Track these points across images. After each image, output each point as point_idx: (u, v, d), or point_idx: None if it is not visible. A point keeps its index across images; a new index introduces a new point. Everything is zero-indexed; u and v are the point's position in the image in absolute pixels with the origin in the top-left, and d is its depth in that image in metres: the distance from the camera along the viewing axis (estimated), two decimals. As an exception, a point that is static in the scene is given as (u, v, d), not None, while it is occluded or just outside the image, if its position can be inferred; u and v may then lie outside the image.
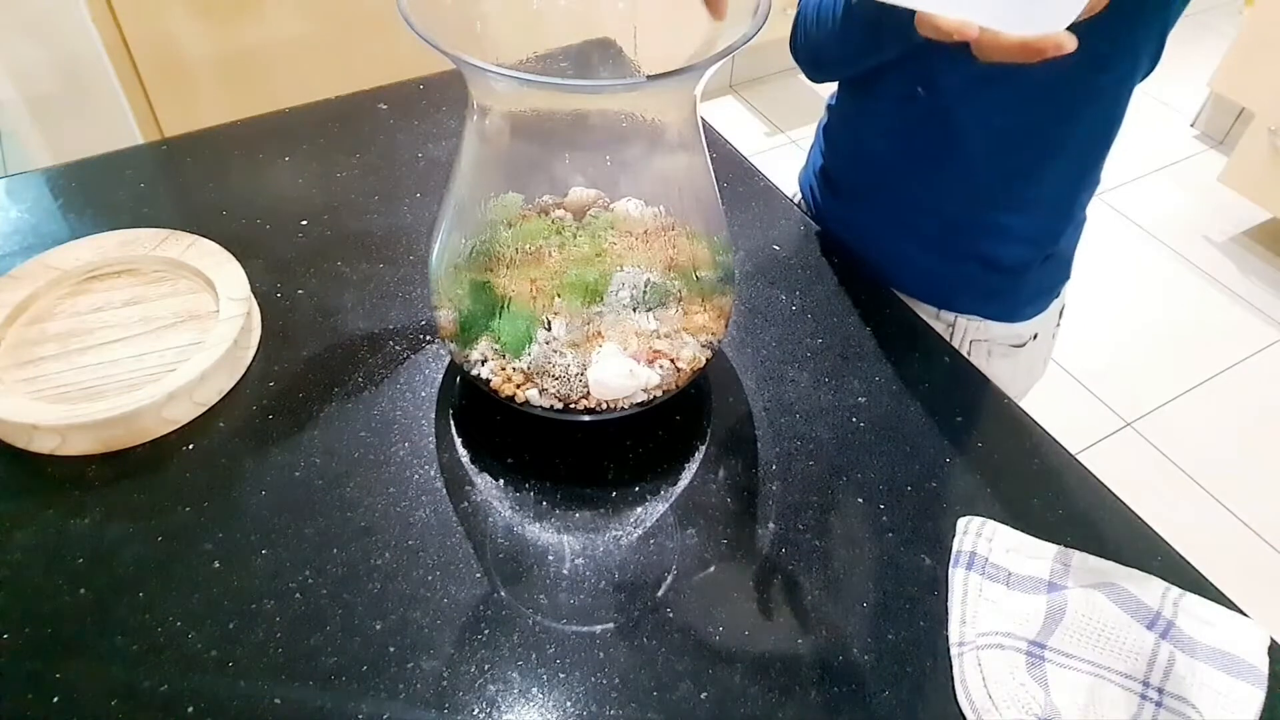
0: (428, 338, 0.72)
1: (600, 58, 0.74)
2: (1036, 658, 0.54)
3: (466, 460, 0.64)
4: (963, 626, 0.56)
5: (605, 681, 0.53)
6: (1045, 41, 0.38)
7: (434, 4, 0.53)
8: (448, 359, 0.70)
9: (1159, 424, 1.76)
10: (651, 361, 0.61)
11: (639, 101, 0.57)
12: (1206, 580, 0.59)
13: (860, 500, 0.63)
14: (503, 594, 0.57)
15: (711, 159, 0.61)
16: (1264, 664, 0.54)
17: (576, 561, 0.59)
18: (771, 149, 2.39)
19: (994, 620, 0.56)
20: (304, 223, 0.82)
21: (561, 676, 0.53)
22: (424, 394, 0.68)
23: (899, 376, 0.72)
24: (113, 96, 1.45)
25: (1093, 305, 1.96)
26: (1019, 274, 0.82)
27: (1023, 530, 0.61)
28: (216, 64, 1.50)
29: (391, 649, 0.54)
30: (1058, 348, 0.94)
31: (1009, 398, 0.72)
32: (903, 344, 0.75)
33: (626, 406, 0.61)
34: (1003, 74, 0.43)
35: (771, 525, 0.61)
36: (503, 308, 0.60)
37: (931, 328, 0.77)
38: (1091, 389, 1.82)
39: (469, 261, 0.61)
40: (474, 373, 0.61)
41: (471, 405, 0.67)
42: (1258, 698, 0.52)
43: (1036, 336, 0.87)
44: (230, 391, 0.67)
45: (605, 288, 0.60)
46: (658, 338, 0.61)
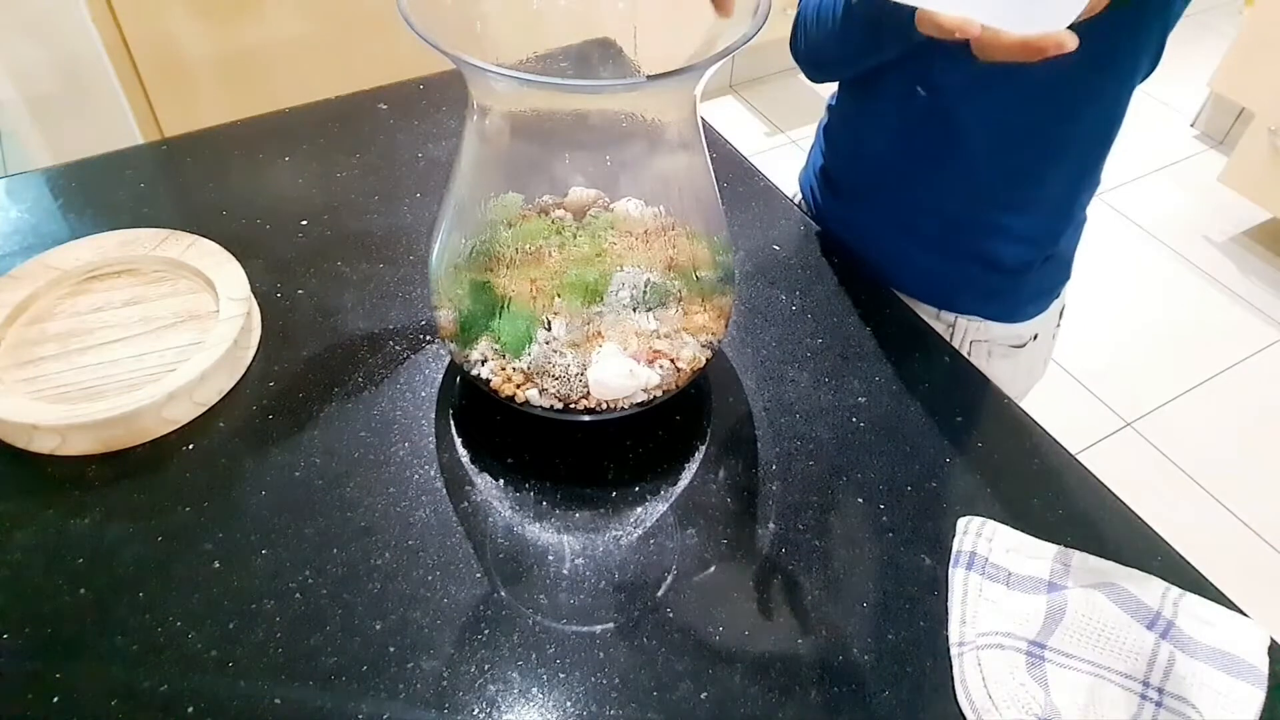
0: (428, 338, 0.72)
1: (600, 58, 0.74)
2: (1036, 658, 0.54)
3: (466, 460, 0.64)
4: (963, 626, 0.56)
5: (605, 681, 0.53)
6: (1046, 40, 0.38)
7: (434, 4, 0.53)
8: (448, 359, 0.70)
9: (1159, 424, 1.76)
10: (651, 361, 0.61)
11: (639, 101, 0.57)
12: (1206, 580, 0.59)
13: (860, 500, 0.63)
14: (503, 594, 0.57)
15: (711, 159, 0.61)
16: (1264, 664, 0.54)
17: (576, 561, 0.59)
18: (771, 149, 2.39)
19: (994, 620, 0.56)
20: (304, 223, 0.82)
21: (561, 676, 0.53)
22: (424, 394, 0.68)
23: (899, 376, 0.72)
24: (113, 96, 1.45)
25: (1093, 305, 1.96)
26: (1019, 274, 0.82)
27: (1023, 530, 0.61)
28: (216, 64, 1.50)
29: (391, 649, 0.54)
30: (1058, 348, 0.94)
31: (1009, 398, 0.72)
32: (903, 344, 0.75)
33: (626, 406, 0.61)
34: (1003, 74, 0.43)
35: (771, 525, 0.61)
36: (503, 308, 0.60)
37: (931, 328, 0.77)
38: (1091, 389, 1.82)
39: (469, 261, 0.61)
40: (474, 373, 0.61)
41: (471, 405, 0.67)
42: (1258, 698, 0.52)
43: (1037, 337, 0.87)
44: (230, 391, 0.67)
45: (605, 288, 0.60)
46: (658, 338, 0.61)
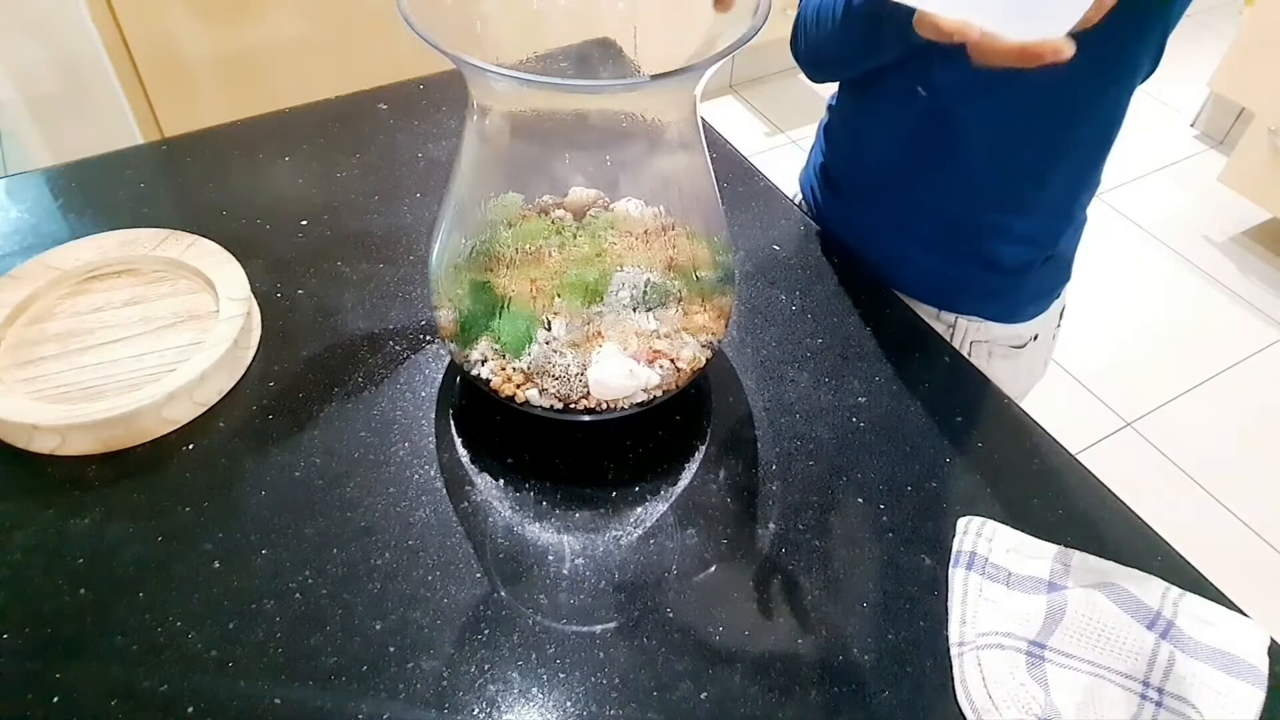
0: (428, 338, 0.72)
1: (600, 58, 0.75)
2: (1036, 658, 0.54)
3: (466, 460, 0.64)
4: (963, 626, 0.56)
5: (605, 681, 0.53)
6: (1043, 47, 0.38)
7: (434, 4, 0.53)
8: (448, 359, 0.70)
9: (1159, 424, 1.76)
10: (651, 361, 0.61)
11: (639, 101, 0.57)
12: (1206, 580, 0.59)
13: (860, 500, 0.63)
14: (503, 594, 0.57)
15: (711, 159, 0.61)
16: (1264, 664, 0.54)
17: (576, 561, 0.59)
18: (771, 149, 2.39)
19: (994, 620, 0.56)
20: (304, 223, 0.82)
21: (561, 676, 0.53)
22: (424, 394, 0.68)
23: (899, 376, 0.72)
24: (113, 96, 1.45)
25: (1093, 305, 1.96)
26: (1019, 275, 0.82)
27: (1023, 530, 0.61)
28: (216, 64, 1.50)
29: (391, 649, 0.54)
30: (1058, 348, 0.94)
31: (1009, 398, 0.72)
32: (903, 344, 0.75)
33: (626, 406, 0.61)
34: (1004, 75, 0.43)
35: (771, 525, 0.61)
36: (503, 308, 0.60)
37: (931, 328, 0.77)
38: (1091, 389, 1.82)
39: (469, 261, 0.61)
40: (474, 373, 0.61)
41: (471, 405, 0.67)
42: (1258, 698, 0.52)
43: (1037, 337, 0.87)
44: (230, 391, 0.67)
45: (605, 288, 0.60)
46: (658, 338, 0.61)
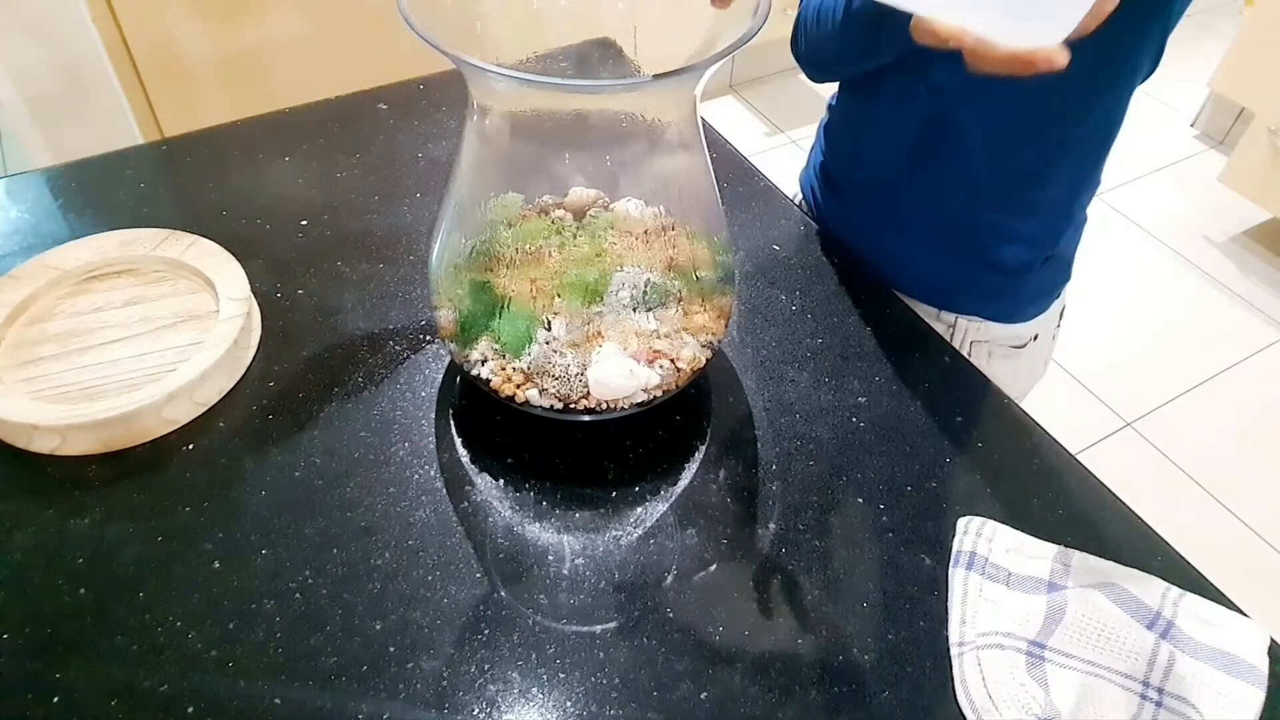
0: (428, 338, 0.72)
1: (600, 58, 0.75)
2: (1036, 658, 0.54)
3: (466, 460, 0.64)
4: (963, 626, 0.56)
5: (605, 681, 0.53)
6: (1037, 55, 0.38)
7: (434, 4, 0.53)
8: (448, 359, 0.70)
9: (1159, 424, 1.76)
10: (651, 361, 0.61)
11: (639, 101, 0.57)
12: (1206, 580, 0.59)
13: (860, 500, 0.63)
14: (503, 594, 0.57)
15: (711, 159, 0.61)
16: (1264, 664, 0.54)
17: (576, 561, 0.59)
18: (771, 149, 2.39)
19: (994, 620, 0.56)
20: (304, 223, 0.82)
21: (561, 676, 0.53)
22: (424, 394, 0.68)
23: (899, 376, 0.72)
24: (113, 96, 1.45)
25: (1093, 305, 1.96)
26: (1019, 275, 0.82)
27: (1023, 530, 0.61)
28: (216, 64, 1.50)
29: (391, 649, 0.54)
30: (1058, 348, 0.94)
31: (1009, 398, 0.72)
32: (903, 344, 0.75)
33: (626, 406, 0.61)
34: (1003, 77, 0.43)
35: (771, 525, 0.61)
36: (503, 308, 0.60)
37: (931, 328, 0.77)
38: (1091, 389, 1.82)
39: (469, 261, 0.61)
40: (474, 373, 0.61)
41: (471, 405, 0.67)
42: (1258, 698, 0.52)
43: (1037, 337, 0.87)
44: (230, 391, 0.67)
45: (605, 288, 0.60)
46: (658, 338, 0.61)
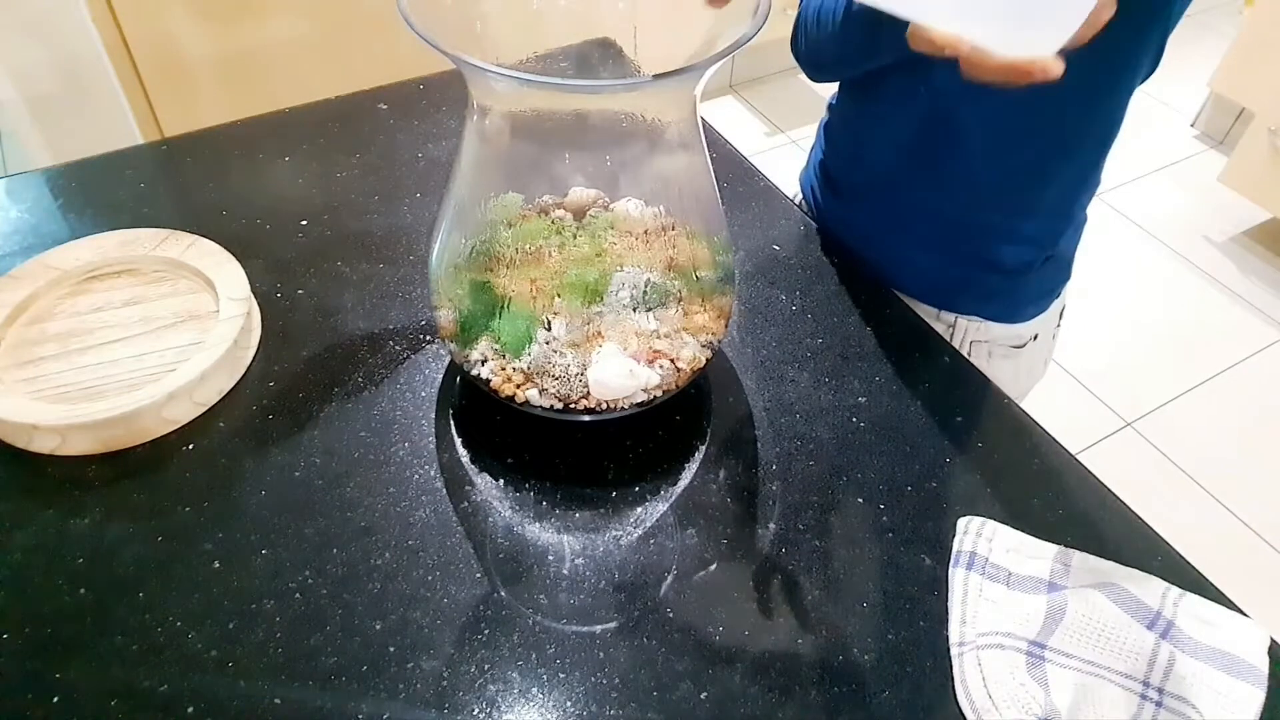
0: (428, 338, 0.72)
1: (600, 58, 0.75)
2: (1036, 658, 0.54)
3: (466, 460, 0.64)
4: (963, 626, 0.56)
5: (605, 681, 0.53)
6: (1033, 65, 0.38)
7: (434, 4, 0.53)
8: (448, 359, 0.70)
9: (1159, 424, 1.76)
10: (651, 361, 0.61)
11: (639, 101, 0.57)
12: (1206, 580, 0.59)
13: (860, 500, 0.63)
14: (503, 594, 0.57)
15: (711, 159, 0.61)
16: (1264, 664, 0.54)
17: (576, 561, 0.59)
18: (771, 149, 2.39)
19: (994, 620, 0.56)
20: (304, 223, 0.82)
21: (561, 676, 0.53)
22: (424, 394, 0.68)
23: (899, 376, 0.72)
24: (113, 96, 1.45)
25: (1093, 305, 1.96)
26: (1020, 275, 0.82)
27: (1023, 530, 0.61)
28: (216, 64, 1.50)
29: (391, 649, 0.54)
30: (1058, 348, 0.94)
31: (1009, 398, 0.72)
32: (903, 344, 0.75)
33: (626, 406, 0.61)
34: None
35: (771, 525, 0.61)
36: (503, 308, 0.60)
37: (931, 328, 0.77)
38: (1091, 389, 1.82)
39: (469, 261, 0.61)
40: (474, 373, 0.61)
41: (471, 405, 0.67)
42: (1258, 698, 0.52)
43: (1037, 337, 0.87)
44: (230, 391, 0.67)
45: (605, 288, 0.60)
46: (658, 338, 0.61)
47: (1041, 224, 0.79)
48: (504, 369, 0.61)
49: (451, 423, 0.66)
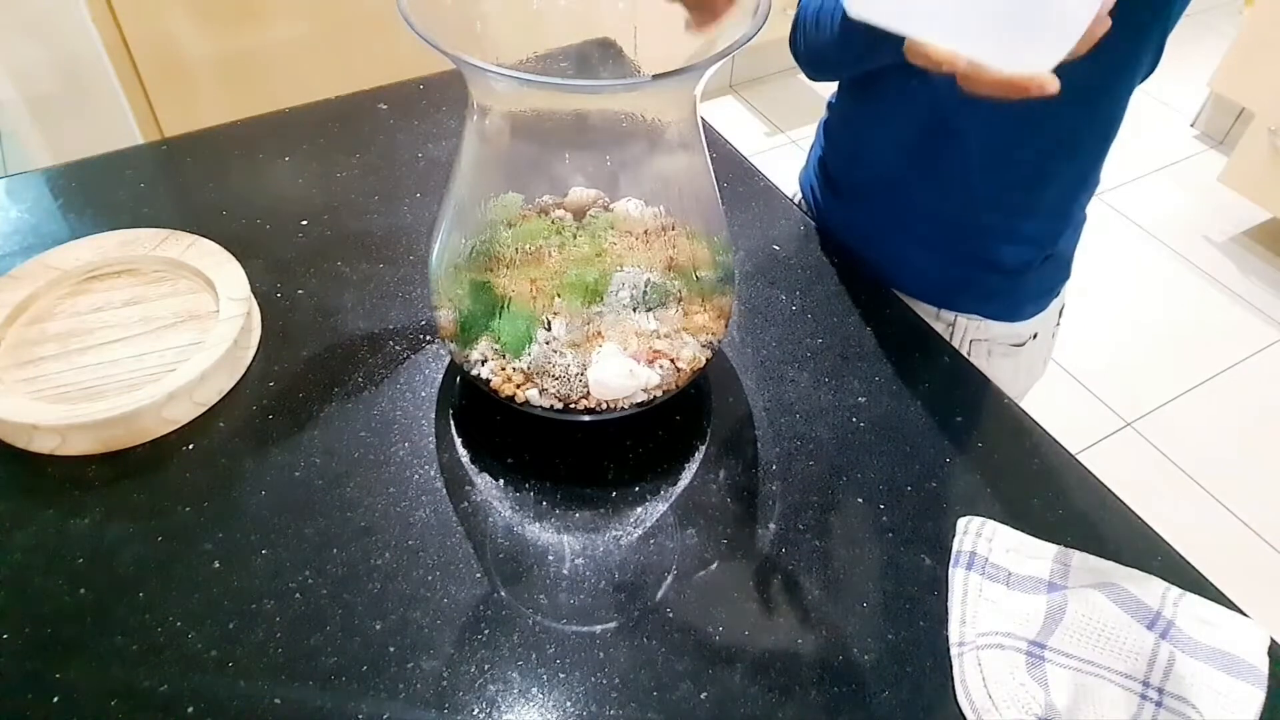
0: (428, 338, 0.72)
1: (600, 58, 0.75)
2: (1036, 658, 0.54)
3: (466, 460, 0.64)
4: (963, 626, 0.56)
5: (605, 681, 0.53)
6: (1029, 81, 0.38)
7: (434, 4, 0.53)
8: (448, 359, 0.70)
9: (1159, 424, 1.76)
10: (651, 361, 0.61)
11: (639, 101, 0.57)
12: (1206, 580, 0.59)
13: (860, 500, 0.63)
14: (503, 594, 0.57)
15: (711, 159, 0.61)
16: (1264, 664, 0.54)
17: (576, 561, 0.59)
18: (771, 149, 2.39)
19: (994, 620, 0.56)
20: (304, 223, 0.82)
21: (561, 676, 0.53)
22: (424, 394, 0.68)
23: (899, 376, 0.72)
24: (113, 96, 1.45)
25: (1093, 305, 1.96)
26: (1019, 274, 0.82)
27: (1023, 530, 0.61)
28: (216, 64, 1.50)
29: (391, 649, 0.54)
30: (1057, 347, 0.94)
31: (1009, 398, 0.72)
32: (903, 344, 0.75)
33: (626, 406, 0.61)
34: None
35: (771, 525, 0.61)
36: (503, 308, 0.60)
37: (931, 328, 0.77)
38: (1091, 389, 1.82)
39: (469, 261, 0.61)
40: (474, 373, 0.61)
41: (471, 405, 0.67)
42: (1258, 698, 0.52)
43: (1036, 336, 0.87)
44: (230, 391, 0.67)
45: (605, 288, 0.60)
46: (658, 338, 0.61)
47: (1041, 223, 0.79)
48: (504, 369, 0.61)
49: (451, 423, 0.66)
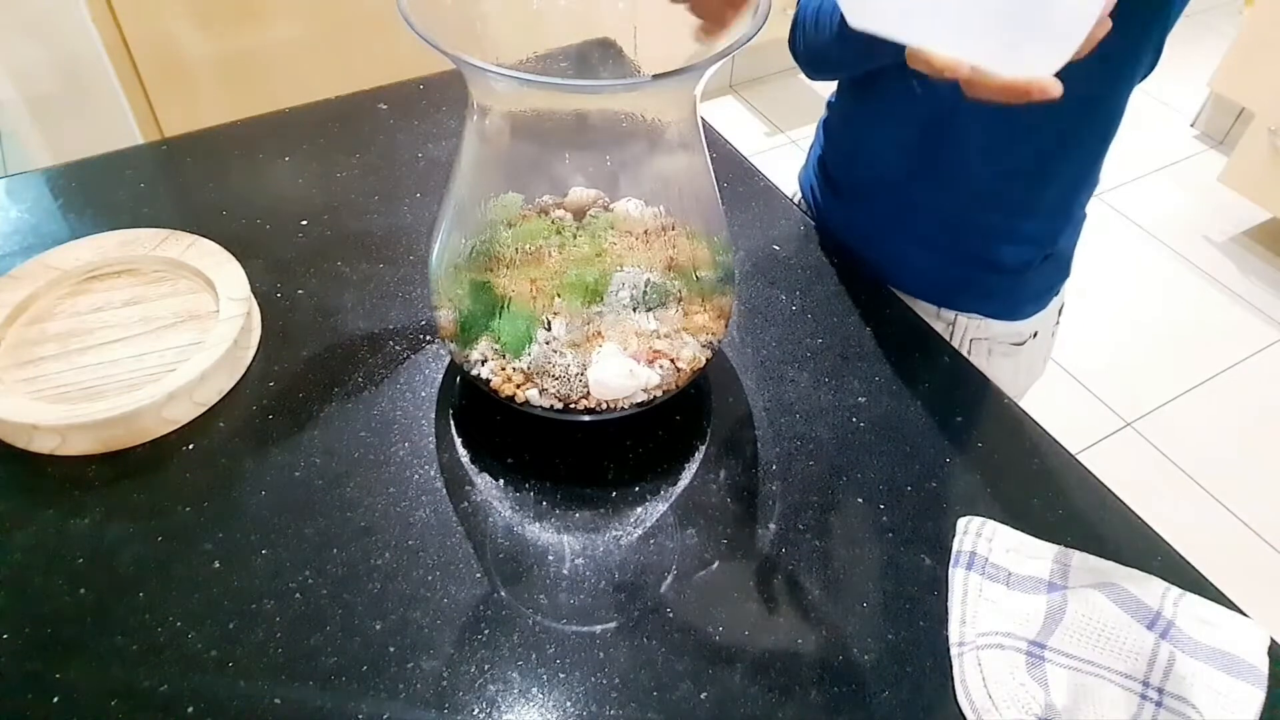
0: (428, 338, 0.72)
1: (600, 58, 0.75)
2: (1036, 658, 0.54)
3: (466, 460, 0.64)
4: (963, 626, 0.56)
5: (605, 681, 0.53)
6: (1032, 85, 0.38)
7: (434, 4, 0.53)
8: (448, 359, 0.70)
9: (1159, 424, 1.76)
10: (651, 361, 0.61)
11: (639, 101, 0.57)
12: (1206, 580, 0.59)
13: (860, 500, 0.63)
14: (503, 594, 0.57)
15: (711, 159, 0.61)
16: (1264, 664, 0.54)
17: (576, 561, 0.59)
18: (771, 149, 2.39)
19: (994, 620, 0.56)
20: (304, 223, 0.82)
21: (561, 676, 0.53)
22: (424, 394, 0.68)
23: (899, 376, 0.72)
24: (113, 96, 1.45)
25: (1093, 305, 1.96)
26: (1019, 273, 0.82)
27: (1023, 530, 0.61)
28: (216, 64, 1.50)
29: (391, 649, 0.54)
30: (1057, 347, 0.94)
31: (1009, 398, 0.72)
32: (903, 344, 0.75)
33: (626, 406, 0.61)
34: None
35: (771, 525, 0.61)
36: (503, 308, 0.60)
37: (932, 328, 0.77)
38: (1091, 389, 1.82)
39: (469, 261, 0.61)
40: (474, 373, 0.61)
41: (471, 405, 0.67)
42: (1258, 698, 0.52)
43: (1036, 334, 0.88)
44: (230, 391, 0.67)
45: (605, 288, 0.60)
46: (658, 338, 0.61)
47: (1041, 223, 0.79)
48: (504, 369, 0.61)
49: (451, 423, 0.66)
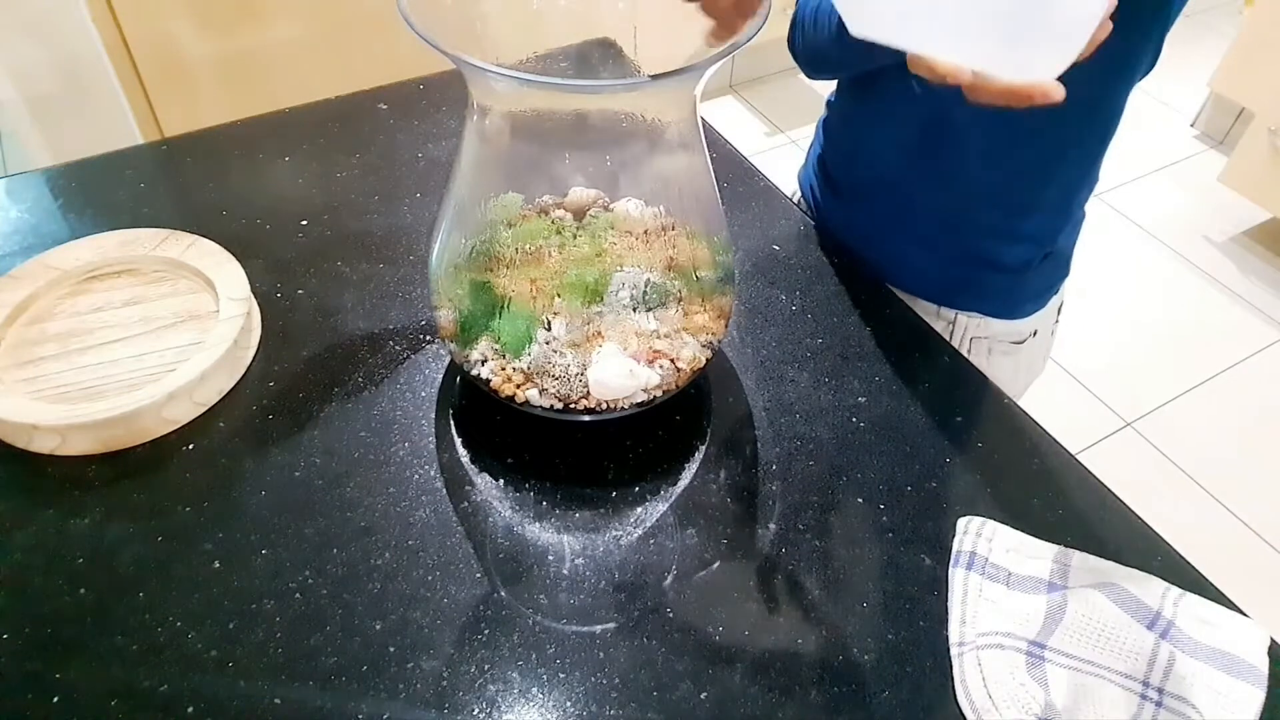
0: (428, 338, 0.72)
1: (600, 58, 0.75)
2: (1036, 658, 0.54)
3: (466, 460, 0.64)
4: (963, 626, 0.56)
5: (605, 681, 0.53)
6: (1034, 89, 0.38)
7: (434, 4, 0.53)
8: (448, 359, 0.70)
9: (1159, 424, 1.76)
10: (651, 361, 0.61)
11: (639, 101, 0.57)
12: (1206, 580, 0.59)
13: (860, 500, 0.63)
14: (503, 594, 0.57)
15: (711, 159, 0.61)
16: (1264, 664, 0.54)
17: (576, 561, 0.59)
18: (771, 149, 2.39)
19: (994, 620, 0.56)
20: (304, 223, 0.82)
21: (561, 676, 0.53)
22: (424, 394, 0.68)
23: (899, 376, 0.72)
24: (113, 96, 1.45)
25: (1092, 305, 1.96)
26: (1019, 273, 0.82)
27: (1023, 530, 0.61)
28: (216, 64, 1.50)
29: (391, 649, 0.54)
30: (1057, 347, 0.94)
31: (1009, 398, 0.72)
32: (903, 344, 0.75)
33: (626, 406, 0.61)
34: None
35: (771, 525, 0.61)
36: (503, 308, 0.60)
37: (931, 328, 0.77)
38: (1091, 389, 1.82)
39: (469, 261, 0.61)
40: (474, 373, 0.61)
41: (471, 405, 0.67)
42: (1258, 698, 0.52)
43: (1036, 333, 0.88)
44: (230, 391, 0.67)
45: (605, 288, 0.60)
46: (658, 338, 0.61)
47: (1041, 222, 0.79)
48: (504, 369, 0.61)
49: (451, 423, 0.66)
